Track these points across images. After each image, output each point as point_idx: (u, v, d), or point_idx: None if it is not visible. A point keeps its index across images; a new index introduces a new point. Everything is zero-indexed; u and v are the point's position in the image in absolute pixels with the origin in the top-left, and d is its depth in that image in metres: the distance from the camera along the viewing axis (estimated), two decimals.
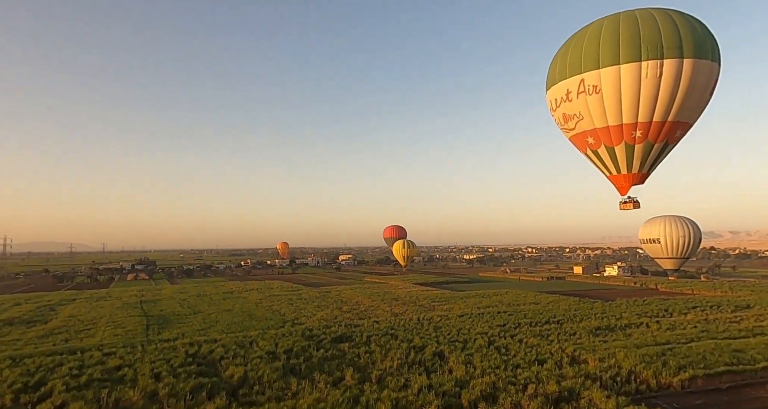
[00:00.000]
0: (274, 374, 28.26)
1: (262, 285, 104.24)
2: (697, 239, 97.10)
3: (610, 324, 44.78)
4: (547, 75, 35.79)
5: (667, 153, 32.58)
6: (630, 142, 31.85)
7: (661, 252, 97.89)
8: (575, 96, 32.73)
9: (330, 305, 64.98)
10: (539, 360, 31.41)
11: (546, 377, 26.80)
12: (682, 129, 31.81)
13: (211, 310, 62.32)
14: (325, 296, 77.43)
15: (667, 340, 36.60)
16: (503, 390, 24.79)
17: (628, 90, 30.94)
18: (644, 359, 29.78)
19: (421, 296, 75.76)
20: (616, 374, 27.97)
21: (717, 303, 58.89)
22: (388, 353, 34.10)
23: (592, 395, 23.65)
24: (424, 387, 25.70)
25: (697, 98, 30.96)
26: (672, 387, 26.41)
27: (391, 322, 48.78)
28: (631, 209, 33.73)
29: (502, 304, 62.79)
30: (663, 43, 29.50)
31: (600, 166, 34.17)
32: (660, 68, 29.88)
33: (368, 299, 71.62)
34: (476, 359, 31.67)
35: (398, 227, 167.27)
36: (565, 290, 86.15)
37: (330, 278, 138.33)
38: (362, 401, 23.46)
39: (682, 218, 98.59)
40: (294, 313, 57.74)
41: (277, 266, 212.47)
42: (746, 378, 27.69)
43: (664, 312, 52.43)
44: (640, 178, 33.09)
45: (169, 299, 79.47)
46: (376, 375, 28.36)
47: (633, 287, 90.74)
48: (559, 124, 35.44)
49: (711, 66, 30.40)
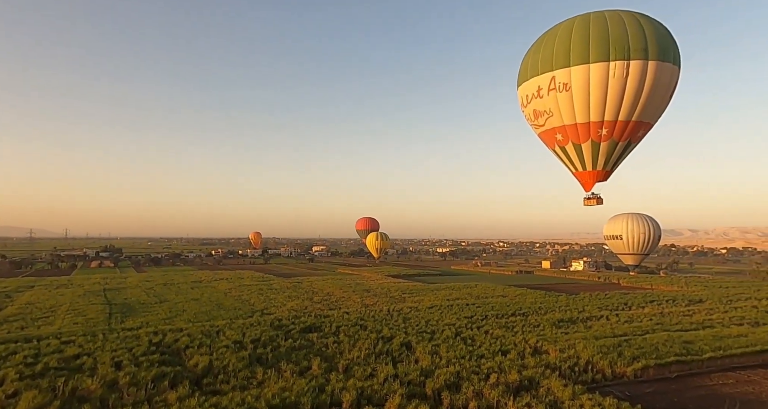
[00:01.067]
0: (239, 364, 28.02)
1: (233, 275, 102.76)
2: (657, 236, 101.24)
3: (573, 317, 46.31)
4: (518, 71, 36.41)
5: (629, 152, 33.79)
6: (596, 140, 32.83)
7: (623, 248, 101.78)
8: (546, 93, 33.42)
9: (301, 296, 64.73)
10: (503, 351, 32.25)
11: (508, 367, 27.56)
12: (644, 129, 33.03)
13: (178, 299, 61.09)
14: (296, 287, 77.03)
15: (624, 332, 38.17)
16: (466, 379, 25.38)
17: (596, 89, 31.80)
18: (602, 350, 30.99)
19: (393, 287, 76.34)
20: (574, 363, 29.01)
21: (673, 297, 61.71)
22: (357, 343, 34.33)
23: (551, 384, 24.51)
24: (390, 377, 26.04)
25: (659, 99, 32.16)
26: (626, 376, 27.64)
27: (362, 313, 49.04)
28: (595, 204, 34.90)
29: (471, 296, 63.97)
30: (630, 45, 30.44)
31: (567, 163, 35.13)
32: (626, 69, 30.83)
33: (340, 290, 71.70)
34: (442, 349, 32.24)
35: (371, 219, 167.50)
36: (532, 283, 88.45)
37: (302, 268, 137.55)
38: (327, 390, 23.57)
39: (644, 216, 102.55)
40: (264, 303, 57.24)
41: (249, 256, 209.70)
42: (693, 368, 29.25)
43: (624, 306, 54.60)
44: (604, 175, 34.22)
45: (134, 287, 77.40)
46: (343, 365, 28.53)
47: (597, 282, 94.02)
48: (529, 120, 36.13)
49: (672, 69, 31.60)
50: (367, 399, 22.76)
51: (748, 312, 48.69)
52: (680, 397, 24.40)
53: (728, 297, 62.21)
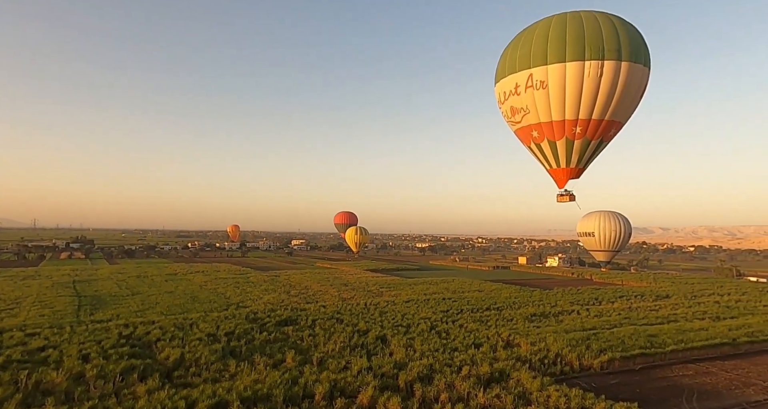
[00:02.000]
0: (212, 356, 27.75)
1: (209, 268, 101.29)
2: (627, 233, 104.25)
3: (545, 311, 47.39)
4: (496, 68, 36.80)
5: (601, 150, 34.67)
6: (570, 138, 33.54)
7: (595, 245, 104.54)
8: (524, 90, 33.89)
9: (278, 289, 64.33)
10: (476, 344, 32.82)
11: (480, 360, 28.08)
12: (615, 128, 33.91)
13: (152, 291, 59.91)
14: (273, 280, 76.49)
15: (593, 326, 39.30)
16: (439, 372, 25.76)
17: (571, 87, 32.44)
18: (571, 343, 31.86)
19: (371, 281, 76.57)
20: (544, 356, 29.77)
21: (641, 293, 63.76)
22: (332, 336, 34.41)
23: (521, 376, 25.11)
24: (363, 369, 26.20)
25: (630, 100, 33.05)
26: (593, 368, 28.51)
27: (338, 306, 49.08)
28: (568, 201, 35.73)
29: (447, 291, 64.72)
30: (604, 45, 31.12)
31: (541, 160, 35.80)
32: (601, 68, 31.53)
33: (317, 284, 71.54)
34: (417, 342, 32.60)
35: (349, 213, 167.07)
36: (508, 278, 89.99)
37: (281, 262, 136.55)
38: (300, 383, 23.60)
39: (615, 213, 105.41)
40: (240, 296, 56.69)
41: (227, 249, 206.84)
42: (657, 360, 30.39)
43: (595, 300, 56.15)
44: (577, 172, 35.03)
45: (105, 279, 75.50)
46: (317, 358, 28.57)
47: (570, 278, 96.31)
48: (506, 116, 36.60)
49: (643, 70, 32.52)
50: (340, 391, 22.89)
51: (711, 307, 50.72)
52: (642, 388, 25.34)
53: (693, 293, 64.64)
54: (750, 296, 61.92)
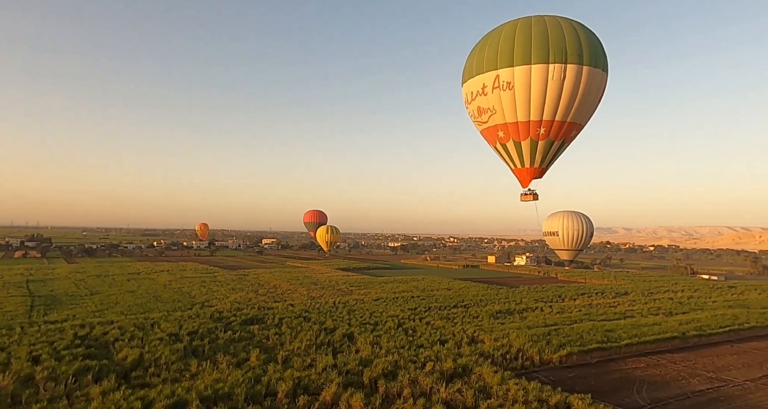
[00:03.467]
0: (173, 356, 27.10)
1: (175, 267, 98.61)
2: (590, 233, 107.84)
3: (510, 308, 48.51)
4: (463, 68, 37.42)
5: (563, 151, 35.83)
6: (535, 139, 34.48)
7: (559, 244, 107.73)
8: (490, 90, 34.60)
9: (246, 288, 63.31)
10: (441, 340, 33.29)
11: (444, 356, 28.51)
12: (576, 130, 35.13)
13: (112, 291, 57.84)
14: (241, 279, 75.22)
15: (555, 322, 40.51)
16: (403, 368, 26.01)
17: (536, 89, 33.36)
18: (532, 339, 32.76)
19: (341, 280, 76.37)
20: (506, 352, 30.51)
21: (602, 290, 66.16)
22: (298, 334, 34.19)
23: (483, 371, 25.64)
24: (328, 366, 26.18)
25: (590, 103, 34.32)
26: (552, 362, 29.42)
27: (307, 305, 48.79)
28: (531, 200, 36.73)
29: (417, 289, 65.29)
30: (567, 50, 32.18)
31: (507, 159, 36.65)
32: (564, 72, 32.56)
33: (287, 283, 70.79)
34: (384, 339, 32.78)
35: (319, 211, 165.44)
36: (477, 277, 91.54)
37: (250, 261, 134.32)
38: (264, 381, 23.35)
39: (578, 214, 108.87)
40: (205, 295, 55.47)
41: (195, 247, 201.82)
42: (612, 354, 31.64)
43: (558, 298, 57.89)
44: (540, 172, 36.07)
45: (63, 279, 72.33)
46: (282, 356, 28.34)
47: (537, 276, 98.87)
48: (472, 116, 37.26)
49: (602, 75, 33.87)
50: (304, 389, 22.79)
51: (665, 303, 53.18)
52: (598, 380, 26.34)
53: (650, 290, 67.57)
54: (701, 292, 65.25)
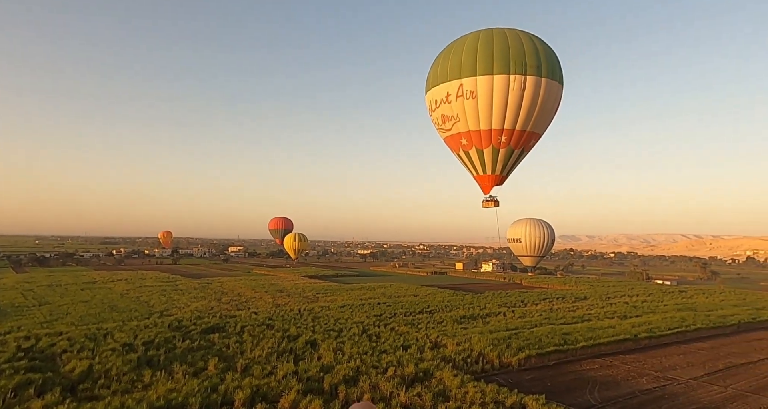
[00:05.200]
0: (125, 367, 26.07)
1: (134, 275, 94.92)
2: (551, 240, 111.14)
3: (474, 313, 49.31)
4: (427, 76, 38.22)
5: (522, 159, 37.10)
6: (496, 147, 35.49)
7: (522, 250, 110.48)
8: (454, 99, 35.44)
9: (208, 296, 61.70)
10: (405, 346, 33.45)
11: (407, 361, 28.66)
12: (534, 139, 36.50)
13: (63, 301, 55.08)
14: (204, 287, 73.23)
15: (516, 326, 41.46)
16: (365, 373, 25.98)
17: (498, 98, 34.45)
18: (493, 343, 33.40)
19: (308, 287, 75.58)
20: (468, 355, 30.97)
21: (563, 295, 68.22)
22: (260, 342, 33.62)
23: (443, 375, 25.95)
24: (289, 374, 25.85)
25: (548, 114, 35.75)
26: (511, 365, 30.08)
27: (271, 313, 48.03)
28: (492, 206, 37.72)
29: (384, 296, 65.37)
30: (527, 62, 33.47)
31: (469, 167, 37.53)
32: (524, 83, 33.79)
33: (251, 291, 69.46)
34: (347, 346, 32.66)
35: (285, 218, 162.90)
36: (444, 283, 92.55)
37: (215, 269, 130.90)
38: (221, 390, 22.80)
39: (540, 221, 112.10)
40: (165, 304, 53.69)
41: (157, 255, 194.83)
42: (569, 356, 32.67)
43: (521, 303, 59.29)
44: (501, 179, 37.13)
45: (9, 289, 68.31)
46: (242, 364, 27.78)
47: (502, 282, 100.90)
48: (436, 124, 38.03)
49: (559, 87, 35.47)
50: (262, 397, 22.41)
51: (620, 307, 55.36)
52: (553, 381, 27.12)
53: (607, 294, 70.18)
54: (654, 297, 68.33)
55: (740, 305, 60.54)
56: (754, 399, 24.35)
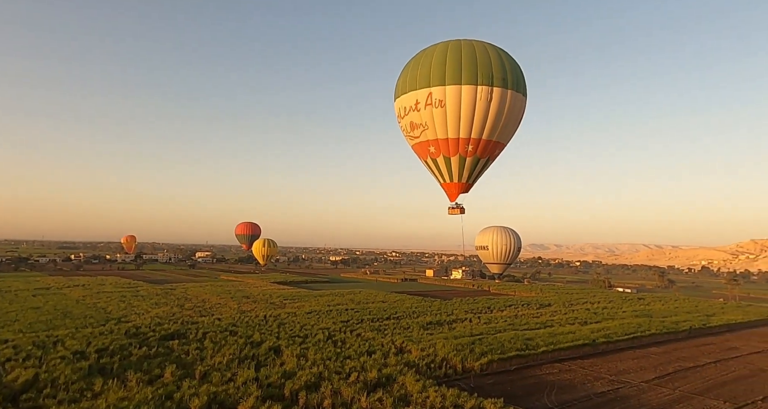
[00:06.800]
0: (74, 375, 24.97)
1: (92, 281, 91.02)
2: (517, 247, 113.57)
3: (441, 319, 49.70)
4: (396, 84, 38.73)
5: (487, 167, 38.00)
6: (463, 155, 36.23)
7: (490, 257, 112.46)
8: (423, 107, 36.02)
9: (170, 303, 59.79)
10: (369, 351, 33.36)
11: (370, 366, 28.59)
12: (499, 149, 37.50)
13: (12, 308, 52.18)
14: (167, 294, 70.92)
15: (480, 332, 42.03)
16: (327, 379, 25.75)
17: (466, 108, 35.25)
18: (457, 348, 33.74)
19: (275, 294, 74.39)
20: (431, 361, 31.18)
21: (528, 302, 69.67)
22: (222, 349, 32.86)
23: (406, 380, 26.00)
24: (249, 380, 25.35)
25: (513, 124, 36.85)
26: (473, 370, 30.42)
27: (235, 319, 47.07)
28: (458, 213, 38.37)
29: (352, 302, 65.02)
30: (493, 74, 34.47)
31: (436, 174, 38.11)
32: (490, 94, 34.73)
33: (217, 297, 67.76)
34: (311, 352, 32.32)
35: (252, 223, 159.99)
36: (414, 290, 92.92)
37: (180, 275, 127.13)
38: (176, 397, 22.15)
39: (507, 229, 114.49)
40: (123, 310, 51.68)
41: (119, 261, 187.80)
42: (530, 361, 33.36)
43: (487, 309, 60.17)
44: (467, 187, 37.86)
45: None
46: (201, 371, 27.04)
47: (470, 289, 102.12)
48: (405, 131, 38.51)
49: (523, 99, 36.65)
50: (220, 404, 21.92)
51: (582, 313, 57.04)
52: (513, 386, 27.62)
53: (571, 301, 72.16)
54: (614, 303, 70.74)
55: (693, 311, 63.42)
56: (698, 400, 25.52)
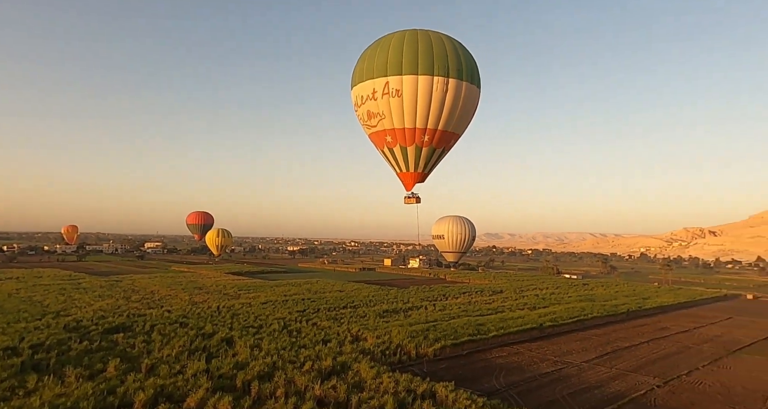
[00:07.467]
0: (4, 373, 23.42)
1: (28, 273, 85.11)
2: (472, 236, 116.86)
3: (397, 307, 50.42)
4: (353, 72, 38.37)
5: (442, 158, 38.66)
6: (419, 145, 36.58)
7: (446, 246, 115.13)
8: (380, 96, 35.91)
9: (116, 295, 56.99)
10: (325, 340, 33.38)
11: (325, 355, 28.60)
12: (454, 139, 38.21)
13: None
14: (113, 286, 67.52)
15: (435, 318, 43.04)
16: (281, 369, 25.54)
17: (422, 98, 35.47)
18: (412, 335, 34.41)
19: (230, 285, 72.63)
20: (386, 348, 31.62)
21: (481, 289, 71.99)
22: (171, 341, 31.82)
23: (360, 367, 26.24)
24: (199, 372, 24.74)
25: (467, 115, 37.56)
26: (427, 356, 31.17)
27: (186, 311, 45.58)
28: (414, 203, 38.90)
29: (309, 292, 64.62)
30: (449, 65, 34.86)
31: (393, 163, 38.31)
32: (446, 85, 35.13)
33: (167, 289, 65.26)
34: (265, 342, 31.92)
35: (204, 213, 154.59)
36: (371, 279, 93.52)
37: (128, 266, 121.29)
38: (119, 392, 21.26)
39: (463, 218, 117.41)
40: (62, 304, 48.74)
41: (59, 252, 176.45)
42: (481, 345, 34.56)
43: (442, 297, 61.63)
44: (423, 177, 38.37)
45: None
46: (147, 364, 26.07)
47: (427, 277, 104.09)
48: (362, 120, 38.32)
49: (477, 91, 37.38)
50: (167, 397, 21.23)
51: (531, 299, 59.65)
52: (464, 369, 28.55)
53: (521, 288, 75.25)
54: (561, 289, 74.48)
55: (631, 295, 67.92)
56: (632, 377, 27.51)
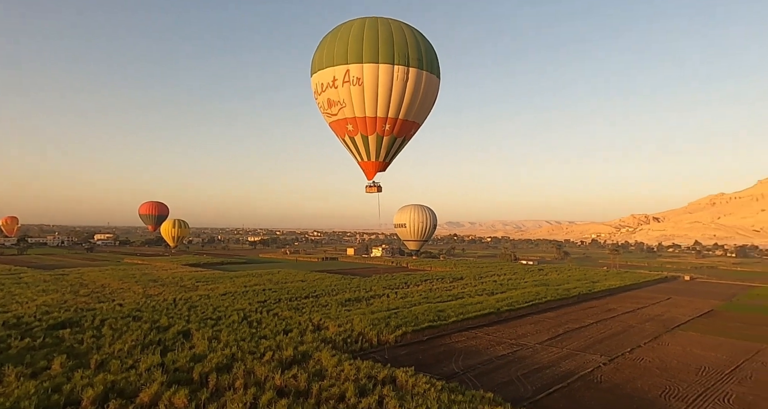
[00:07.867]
0: None
1: None
2: (433, 225, 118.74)
3: (360, 296, 50.67)
4: (313, 59, 37.62)
5: (403, 147, 38.81)
6: (380, 134, 36.48)
7: (408, 235, 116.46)
8: (341, 84, 35.39)
9: (61, 289, 54.00)
10: (286, 330, 33.11)
11: (286, 345, 28.38)
12: (414, 128, 38.41)
13: None
14: (58, 280, 63.88)
15: (396, 306, 43.61)
16: (240, 360, 25.15)
17: (383, 87, 35.28)
18: (373, 322, 34.73)
19: (186, 276, 70.43)
20: (348, 336, 31.77)
21: (442, 276, 73.52)
22: (123, 335, 30.60)
23: (321, 356, 26.26)
24: (154, 366, 23.96)
25: (428, 104, 37.80)
26: (388, 342, 31.59)
27: (140, 304, 43.89)
28: (375, 192, 38.93)
29: (270, 282, 63.75)
30: (409, 54, 34.81)
31: (354, 152, 38.08)
32: (407, 74, 35.09)
33: (118, 282, 62.48)
34: (224, 334, 31.28)
35: (158, 203, 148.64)
36: (334, 268, 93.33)
37: (75, 259, 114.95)
38: (65, 389, 20.27)
39: (424, 207, 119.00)
40: (1, 300, 45.65)
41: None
42: (441, 331, 35.40)
43: (404, 284, 62.46)
44: (384, 166, 38.41)
45: None
46: (97, 360, 24.98)
47: (390, 266, 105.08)
48: (322, 108, 37.74)
49: (437, 80, 37.69)
50: (118, 392, 20.43)
51: (489, 285, 61.55)
52: (425, 354, 29.19)
53: (480, 275, 77.43)
54: (518, 275, 77.29)
55: (582, 279, 71.44)
56: (581, 356, 29.09)
